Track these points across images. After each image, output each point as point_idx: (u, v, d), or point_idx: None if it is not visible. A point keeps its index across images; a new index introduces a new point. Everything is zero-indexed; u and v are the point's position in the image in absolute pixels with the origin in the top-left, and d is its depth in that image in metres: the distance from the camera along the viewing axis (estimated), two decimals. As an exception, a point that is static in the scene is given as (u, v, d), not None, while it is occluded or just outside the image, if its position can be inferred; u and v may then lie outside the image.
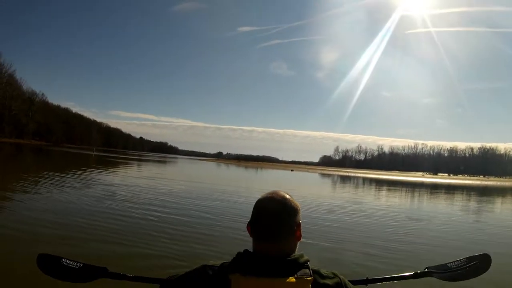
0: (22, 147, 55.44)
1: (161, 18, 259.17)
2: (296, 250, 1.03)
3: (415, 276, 1.48)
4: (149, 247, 4.93)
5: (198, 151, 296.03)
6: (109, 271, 1.47)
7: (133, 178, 17.72)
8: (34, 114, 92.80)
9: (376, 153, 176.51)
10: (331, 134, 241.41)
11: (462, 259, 1.51)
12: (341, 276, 1.00)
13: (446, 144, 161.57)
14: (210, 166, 56.46)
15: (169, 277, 1.22)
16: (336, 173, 72.11)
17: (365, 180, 45.86)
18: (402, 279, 1.46)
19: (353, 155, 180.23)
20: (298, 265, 0.94)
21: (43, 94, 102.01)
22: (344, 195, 20.09)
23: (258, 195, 1.10)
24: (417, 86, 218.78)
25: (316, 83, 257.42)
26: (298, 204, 1.06)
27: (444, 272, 1.49)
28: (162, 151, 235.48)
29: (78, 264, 1.48)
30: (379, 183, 39.76)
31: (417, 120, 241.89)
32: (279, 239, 0.99)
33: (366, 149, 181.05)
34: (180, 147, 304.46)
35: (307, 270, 0.93)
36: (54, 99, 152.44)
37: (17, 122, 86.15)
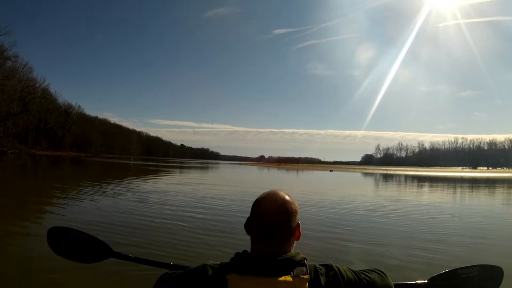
0: (59, 159, 58.74)
1: (195, 25, 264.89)
2: (293, 248, 1.03)
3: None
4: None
5: (240, 155, 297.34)
6: (114, 251, 1.51)
7: (181, 185, 18.44)
8: (71, 126, 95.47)
9: (417, 150, 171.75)
10: (372, 133, 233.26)
11: (473, 266, 1.33)
12: (336, 266, 0.99)
13: (485, 137, 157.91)
14: (251, 170, 56.21)
15: (173, 265, 1.33)
16: (377, 171, 69.78)
17: (406, 177, 44.19)
18: None
19: (394, 153, 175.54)
20: (295, 263, 0.94)
21: (79, 106, 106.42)
22: (384, 193, 19.46)
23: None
24: (451, 79, 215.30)
25: (353, 81, 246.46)
26: (296, 204, 1.06)
27: (449, 279, 1.31)
28: (203, 157, 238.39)
29: (85, 235, 1.52)
30: (419, 180, 38.12)
31: (455, 114, 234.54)
32: (280, 242, 1.00)
33: (407, 146, 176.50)
34: (222, 153, 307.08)
35: (304, 268, 0.93)
36: (92, 111, 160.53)
37: (53, 135, 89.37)
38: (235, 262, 0.96)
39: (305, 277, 0.91)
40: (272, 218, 0.99)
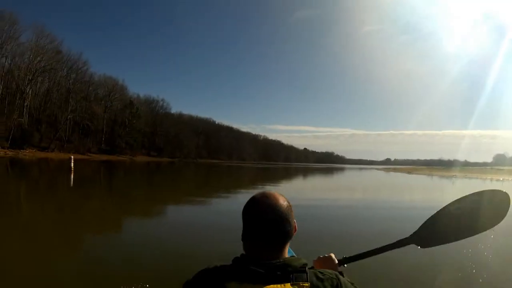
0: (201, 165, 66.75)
1: (285, 27, 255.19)
2: (287, 246, 1.01)
3: (398, 245, 1.38)
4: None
5: (365, 159, 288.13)
6: None
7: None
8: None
9: None
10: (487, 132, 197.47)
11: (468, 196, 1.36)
12: (340, 277, 0.98)
13: None
14: (391, 175, 48.27)
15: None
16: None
17: None
18: (383, 251, 1.39)
19: None
20: (295, 269, 0.92)
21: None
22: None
23: None
24: None
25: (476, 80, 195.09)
26: (290, 204, 1.03)
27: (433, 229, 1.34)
28: (329, 161, 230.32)
29: None
30: None
31: None
32: (279, 246, 0.98)
33: None
34: (347, 156, 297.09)
35: (304, 275, 0.91)
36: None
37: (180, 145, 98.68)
38: (234, 269, 0.94)
39: (305, 284, 0.89)
40: (270, 224, 0.97)
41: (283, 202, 1.00)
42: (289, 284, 0.88)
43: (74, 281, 3.60)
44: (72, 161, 22.87)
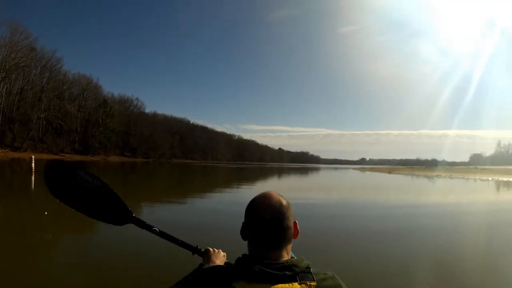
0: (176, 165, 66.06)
1: (259, 28, 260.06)
2: (290, 246, 1.04)
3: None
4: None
5: (341, 158, 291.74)
6: (135, 216, 1.44)
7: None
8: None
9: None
10: (464, 132, 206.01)
11: None
12: (339, 279, 1.00)
13: None
14: (371, 175, 46.91)
15: (198, 249, 1.53)
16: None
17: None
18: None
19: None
20: (300, 269, 0.94)
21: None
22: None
23: None
24: None
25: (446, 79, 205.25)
26: (289, 203, 1.05)
27: None
28: (304, 161, 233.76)
29: (97, 181, 1.37)
30: None
31: None
32: (282, 245, 1.00)
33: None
34: (322, 156, 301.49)
35: (310, 275, 0.94)
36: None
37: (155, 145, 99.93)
38: (240, 268, 0.95)
39: (312, 283, 0.92)
40: (273, 224, 0.99)
41: (281, 201, 1.02)
42: (296, 283, 0.91)
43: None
44: (33, 161, 20.96)
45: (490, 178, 36.34)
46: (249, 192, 15.75)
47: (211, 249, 1.52)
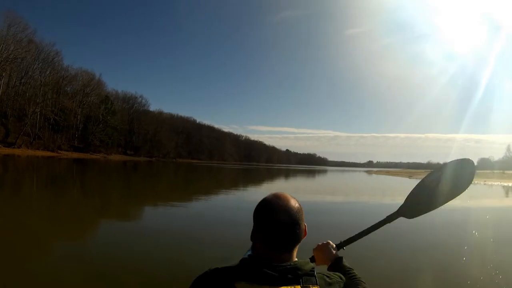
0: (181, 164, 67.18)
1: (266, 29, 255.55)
2: (297, 248, 1.03)
3: (388, 220, 1.45)
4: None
5: (348, 161, 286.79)
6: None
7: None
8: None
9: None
10: (472, 136, 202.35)
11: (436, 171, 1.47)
12: (344, 278, 1.05)
13: None
14: (394, 179, 44.95)
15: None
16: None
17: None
18: (376, 229, 1.44)
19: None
20: (305, 273, 0.94)
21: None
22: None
23: None
24: None
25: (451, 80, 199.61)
26: (301, 206, 1.04)
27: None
28: (311, 163, 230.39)
29: None
30: None
31: None
32: (293, 248, 1.01)
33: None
34: (329, 158, 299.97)
35: (313, 278, 0.94)
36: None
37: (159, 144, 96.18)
38: (243, 269, 0.94)
39: (314, 287, 0.92)
40: (285, 227, 0.98)
41: (295, 204, 1.00)
42: (299, 286, 0.90)
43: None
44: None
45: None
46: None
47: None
